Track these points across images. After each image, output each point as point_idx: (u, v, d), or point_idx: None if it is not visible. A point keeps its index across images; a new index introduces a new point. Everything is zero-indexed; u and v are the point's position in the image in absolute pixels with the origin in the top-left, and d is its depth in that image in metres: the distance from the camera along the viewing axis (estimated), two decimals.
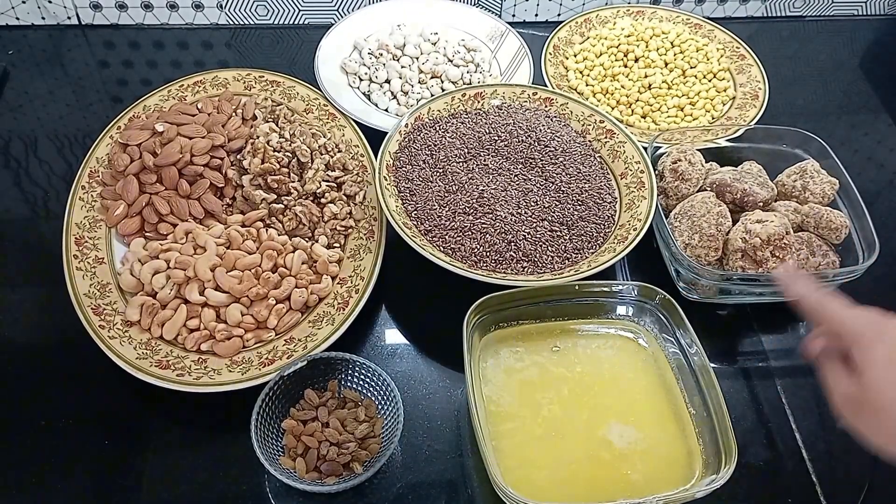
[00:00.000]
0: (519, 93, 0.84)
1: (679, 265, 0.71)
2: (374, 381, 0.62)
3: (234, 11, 1.01)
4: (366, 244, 0.73)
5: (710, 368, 0.61)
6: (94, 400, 0.65)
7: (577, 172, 0.77)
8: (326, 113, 0.85)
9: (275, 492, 0.60)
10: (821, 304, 0.49)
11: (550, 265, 0.70)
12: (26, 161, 0.84)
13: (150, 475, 0.61)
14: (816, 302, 0.49)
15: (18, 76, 0.93)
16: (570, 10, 1.05)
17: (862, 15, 1.13)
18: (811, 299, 0.50)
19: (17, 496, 0.59)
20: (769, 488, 0.63)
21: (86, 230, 0.72)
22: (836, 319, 0.48)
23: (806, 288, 0.51)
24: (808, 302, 0.50)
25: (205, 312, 0.66)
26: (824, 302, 0.49)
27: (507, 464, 0.58)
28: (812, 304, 0.50)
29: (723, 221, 0.71)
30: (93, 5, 0.98)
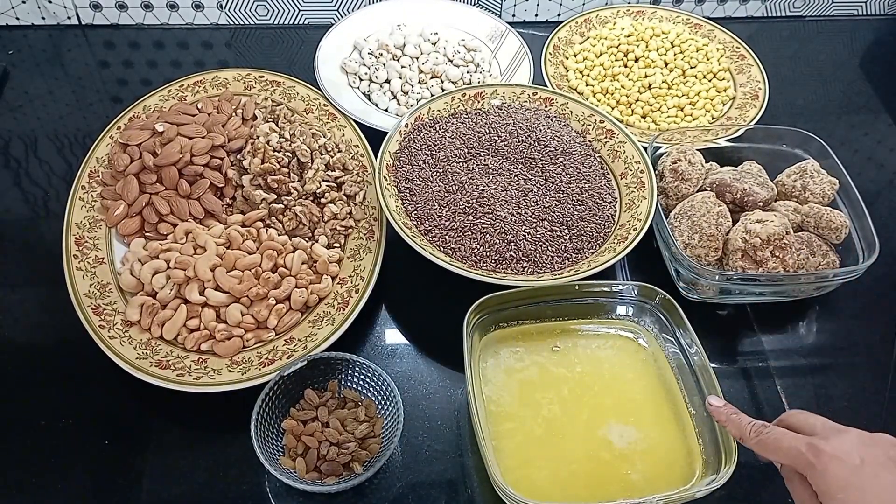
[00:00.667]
0: (519, 93, 0.84)
1: (679, 265, 0.71)
2: (374, 381, 0.62)
3: (234, 11, 1.01)
4: (366, 244, 0.73)
5: (710, 368, 0.61)
6: (94, 400, 0.65)
7: (577, 172, 0.77)
8: (326, 113, 0.85)
9: (275, 492, 0.60)
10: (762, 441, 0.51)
11: (550, 265, 0.70)
12: (26, 161, 0.84)
13: (150, 475, 0.61)
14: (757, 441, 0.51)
15: (18, 76, 0.93)
16: (570, 10, 1.05)
17: (862, 15, 1.13)
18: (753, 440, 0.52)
19: (17, 496, 0.59)
20: (769, 488, 0.63)
21: (86, 230, 0.72)
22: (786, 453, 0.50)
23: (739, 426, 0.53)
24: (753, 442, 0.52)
25: (205, 312, 0.66)
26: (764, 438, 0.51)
27: (507, 464, 0.58)
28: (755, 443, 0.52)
29: (723, 221, 0.71)
30: (93, 5, 0.98)
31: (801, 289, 0.72)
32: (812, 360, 0.72)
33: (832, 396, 0.69)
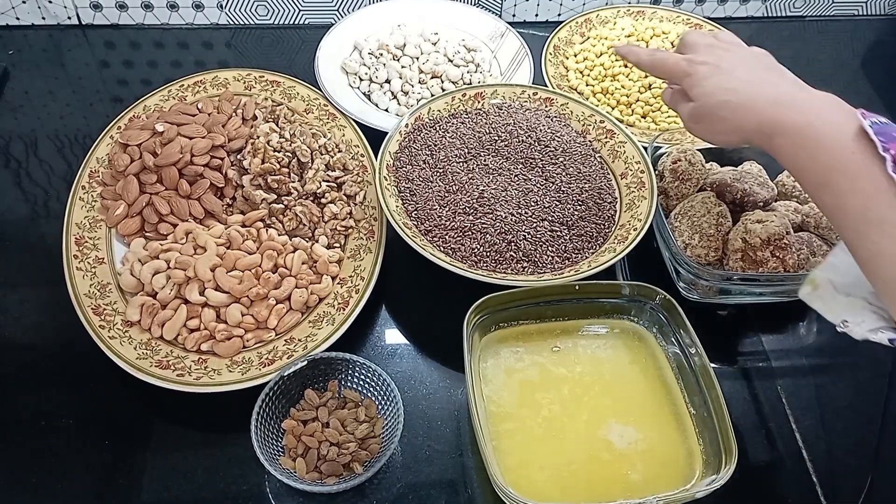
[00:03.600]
0: (519, 93, 0.84)
1: (679, 265, 0.71)
2: (374, 381, 0.62)
3: (234, 11, 1.01)
4: (366, 244, 0.73)
5: (710, 368, 0.61)
6: (94, 400, 0.65)
7: (577, 172, 0.77)
8: (326, 113, 0.85)
9: (275, 492, 0.60)
10: (653, 60, 0.66)
11: (550, 265, 0.70)
12: (26, 161, 0.84)
13: (150, 475, 0.61)
14: (650, 61, 0.66)
15: (18, 76, 0.94)
16: (571, 10, 1.05)
17: (862, 15, 1.13)
18: (646, 60, 0.66)
19: (17, 496, 0.59)
20: (769, 488, 0.63)
21: (86, 230, 0.72)
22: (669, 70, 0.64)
23: (637, 54, 0.67)
24: (645, 62, 0.66)
25: (205, 312, 0.66)
26: (655, 57, 0.66)
27: (507, 464, 0.58)
28: (649, 64, 0.66)
29: (723, 221, 0.71)
30: (93, 5, 0.98)
31: None
32: (812, 360, 0.72)
33: (832, 396, 0.69)
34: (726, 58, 0.61)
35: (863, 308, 0.51)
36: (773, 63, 0.62)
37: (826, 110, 0.52)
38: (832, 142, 0.49)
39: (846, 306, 0.52)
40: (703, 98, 0.59)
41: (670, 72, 0.64)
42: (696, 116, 0.61)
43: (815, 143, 0.51)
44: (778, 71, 0.61)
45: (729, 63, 0.60)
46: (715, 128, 0.59)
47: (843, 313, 0.52)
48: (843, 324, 0.51)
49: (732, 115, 0.57)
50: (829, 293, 0.54)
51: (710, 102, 0.59)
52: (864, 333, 0.49)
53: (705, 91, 0.59)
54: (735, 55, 0.62)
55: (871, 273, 0.48)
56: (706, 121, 0.60)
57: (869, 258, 0.48)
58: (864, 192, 0.47)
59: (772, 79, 0.58)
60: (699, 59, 0.61)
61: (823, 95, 0.54)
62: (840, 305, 0.52)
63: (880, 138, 0.47)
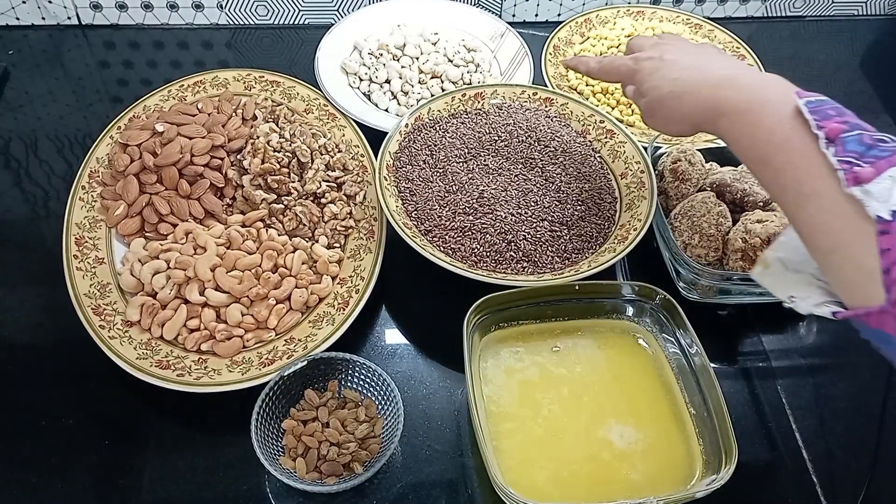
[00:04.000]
0: (519, 93, 0.84)
1: (679, 265, 0.71)
2: (374, 381, 0.62)
3: (234, 11, 1.01)
4: (366, 244, 0.73)
5: (710, 368, 0.61)
6: (94, 400, 0.65)
7: (577, 172, 0.77)
8: (326, 113, 0.85)
9: (275, 492, 0.60)
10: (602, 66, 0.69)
11: (550, 265, 0.70)
12: (26, 161, 0.84)
13: (150, 475, 0.61)
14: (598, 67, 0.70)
15: (18, 76, 0.94)
16: (571, 10, 1.05)
17: (862, 15, 1.13)
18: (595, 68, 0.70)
19: (17, 496, 0.59)
20: (769, 488, 0.63)
21: (86, 230, 0.72)
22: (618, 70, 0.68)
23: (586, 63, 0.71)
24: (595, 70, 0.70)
25: (205, 312, 0.66)
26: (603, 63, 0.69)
27: (507, 464, 0.58)
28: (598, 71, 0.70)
29: (723, 221, 0.71)
30: (93, 5, 0.98)
31: None
32: (812, 360, 0.72)
33: (832, 396, 0.69)
34: (669, 50, 0.63)
35: (809, 284, 0.52)
36: (717, 52, 0.64)
37: (765, 90, 0.53)
38: (770, 120, 0.51)
39: (795, 283, 0.53)
40: (652, 92, 0.62)
41: (620, 73, 0.67)
42: (649, 111, 0.63)
43: (754, 121, 0.52)
44: (722, 57, 0.63)
45: (672, 55, 0.62)
46: (667, 118, 0.61)
47: (791, 289, 0.53)
48: (790, 299, 0.53)
49: (679, 104, 0.59)
50: (779, 271, 0.55)
51: (658, 95, 0.61)
52: (809, 308, 0.51)
53: (652, 85, 0.62)
54: (677, 47, 0.64)
55: (810, 246, 0.49)
56: (658, 113, 0.62)
57: (806, 231, 0.49)
58: (800, 167, 0.48)
59: (714, 64, 0.60)
60: (644, 56, 0.64)
61: (765, 76, 0.56)
62: (789, 282, 0.54)
63: (814, 117, 0.48)
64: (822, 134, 0.47)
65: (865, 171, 0.44)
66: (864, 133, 0.46)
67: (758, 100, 0.53)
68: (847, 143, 0.46)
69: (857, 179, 0.44)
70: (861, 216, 0.44)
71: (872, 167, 0.44)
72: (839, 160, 0.45)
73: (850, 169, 0.45)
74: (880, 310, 0.43)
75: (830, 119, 0.48)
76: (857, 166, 0.44)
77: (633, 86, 0.66)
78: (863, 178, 0.44)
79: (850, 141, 0.46)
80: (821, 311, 0.50)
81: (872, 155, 0.45)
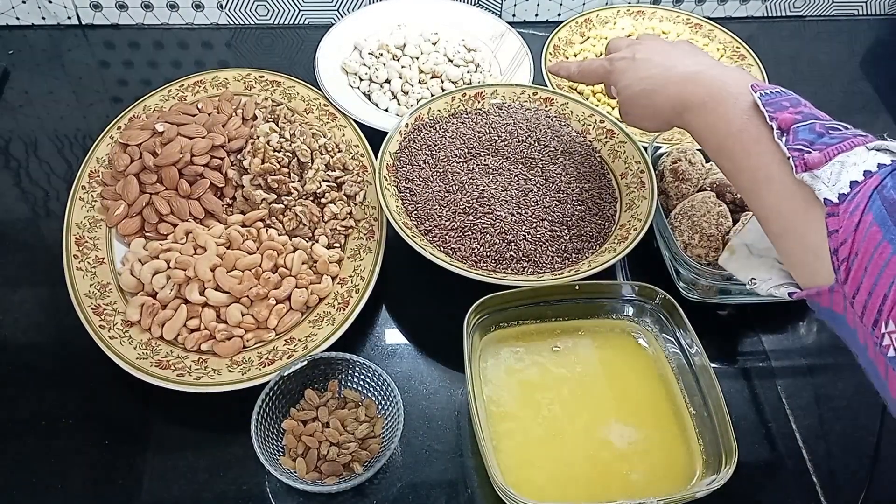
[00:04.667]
0: (519, 93, 0.84)
1: (679, 265, 0.71)
2: (374, 381, 0.62)
3: (234, 11, 1.01)
4: (366, 244, 0.73)
5: (710, 368, 0.61)
6: (94, 400, 0.65)
7: (577, 172, 0.77)
8: (326, 113, 0.85)
9: (275, 492, 0.60)
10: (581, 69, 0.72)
11: (550, 265, 0.70)
12: (26, 161, 0.84)
13: (150, 475, 0.61)
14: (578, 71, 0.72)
15: (18, 76, 0.93)
16: (571, 10, 1.05)
17: (862, 15, 1.13)
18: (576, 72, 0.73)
19: (17, 496, 0.59)
20: (769, 488, 0.63)
21: (86, 230, 0.72)
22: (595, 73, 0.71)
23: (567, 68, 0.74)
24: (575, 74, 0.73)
25: (205, 312, 0.66)
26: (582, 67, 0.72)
27: (507, 464, 0.58)
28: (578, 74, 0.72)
29: (723, 221, 0.71)
30: (93, 5, 0.98)
31: None
32: (812, 360, 0.72)
33: (832, 396, 0.69)
34: (641, 49, 0.65)
35: (771, 267, 0.55)
36: (689, 49, 0.65)
37: (726, 84, 0.56)
38: (729, 112, 0.54)
39: (758, 266, 0.56)
40: (625, 91, 0.65)
41: (597, 75, 0.70)
42: (624, 108, 0.66)
43: (715, 114, 0.55)
44: (691, 54, 0.64)
45: (643, 54, 0.65)
46: (640, 115, 0.65)
47: (753, 272, 0.56)
48: (751, 282, 0.55)
49: (650, 100, 0.62)
50: (744, 256, 0.59)
51: (631, 93, 0.64)
52: (768, 289, 0.53)
53: (625, 84, 0.65)
54: (649, 47, 0.66)
55: (767, 230, 0.52)
56: (632, 111, 0.65)
57: (762, 216, 0.52)
58: (755, 155, 0.51)
59: (684, 60, 0.62)
60: (618, 57, 0.67)
61: (727, 70, 0.59)
62: (752, 266, 0.57)
63: (768, 109, 0.51)
64: (775, 125, 0.50)
65: (814, 157, 0.46)
66: (817, 122, 0.49)
67: (718, 94, 0.56)
68: (799, 132, 0.48)
69: (807, 165, 0.46)
70: (810, 200, 0.46)
71: (822, 153, 0.46)
72: (790, 148, 0.48)
73: (800, 156, 0.47)
74: (830, 289, 0.45)
75: (784, 110, 0.50)
76: (808, 153, 0.47)
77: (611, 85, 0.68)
78: (812, 163, 0.46)
79: (802, 130, 0.48)
80: (779, 292, 0.52)
81: (822, 142, 0.47)
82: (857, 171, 0.45)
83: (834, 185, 0.45)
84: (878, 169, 0.44)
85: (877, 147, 0.46)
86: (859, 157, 0.45)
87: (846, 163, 0.45)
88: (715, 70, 0.59)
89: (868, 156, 0.45)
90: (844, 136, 0.47)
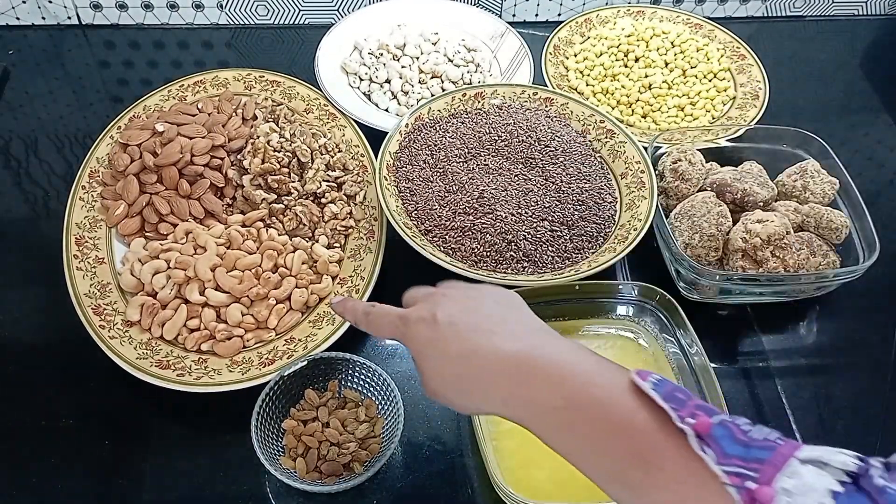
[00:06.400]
0: (519, 93, 0.84)
1: (679, 265, 0.71)
2: (374, 381, 0.62)
3: (234, 11, 1.01)
4: (366, 244, 0.73)
5: (710, 368, 0.61)
6: (94, 400, 0.65)
7: (577, 172, 0.77)
8: (326, 113, 0.85)
9: (275, 492, 0.60)
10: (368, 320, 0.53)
11: (550, 265, 0.70)
12: (26, 161, 0.84)
13: (150, 475, 0.61)
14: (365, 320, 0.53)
15: (18, 76, 0.93)
16: (571, 10, 1.05)
17: (862, 15, 1.13)
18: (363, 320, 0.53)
19: (17, 496, 0.59)
20: None
21: (86, 230, 0.72)
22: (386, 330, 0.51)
23: (353, 311, 0.54)
24: (362, 323, 0.53)
25: (205, 312, 0.66)
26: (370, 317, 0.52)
27: (507, 464, 0.58)
28: (365, 324, 0.53)
29: (723, 221, 0.71)
30: (93, 5, 0.98)
31: (801, 289, 0.72)
32: (812, 360, 0.72)
33: (832, 396, 0.69)
34: (443, 306, 0.48)
35: None
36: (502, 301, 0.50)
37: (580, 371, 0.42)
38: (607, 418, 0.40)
39: None
40: (427, 373, 0.48)
41: (388, 332, 0.51)
42: (429, 391, 0.48)
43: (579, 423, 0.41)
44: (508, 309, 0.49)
45: (445, 314, 0.47)
46: (454, 404, 0.48)
47: None
48: None
49: (464, 392, 0.46)
50: None
51: (434, 379, 0.47)
52: None
53: (428, 365, 0.47)
54: (452, 299, 0.49)
55: None
56: (441, 398, 0.48)
57: None
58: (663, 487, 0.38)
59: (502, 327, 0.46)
60: (414, 316, 0.48)
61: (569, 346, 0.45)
62: None
63: (672, 406, 0.38)
64: (689, 430, 0.37)
65: (763, 490, 0.35)
66: (725, 420, 0.37)
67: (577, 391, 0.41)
68: (721, 442, 0.37)
69: (754, 501, 0.35)
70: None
71: (764, 482, 0.35)
72: (728, 472, 0.36)
73: (742, 487, 0.35)
74: None
75: (684, 406, 0.38)
76: (749, 479, 0.35)
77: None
78: (761, 498, 0.35)
79: (724, 439, 0.37)
80: None
81: (754, 458, 0.36)
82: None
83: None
84: (835, 501, 0.34)
85: (808, 458, 0.36)
86: (802, 480, 0.35)
87: (793, 492, 0.34)
88: (550, 346, 0.44)
89: (811, 476, 0.35)
90: (767, 443, 0.37)
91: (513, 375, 0.44)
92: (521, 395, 0.43)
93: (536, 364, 0.43)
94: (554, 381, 0.42)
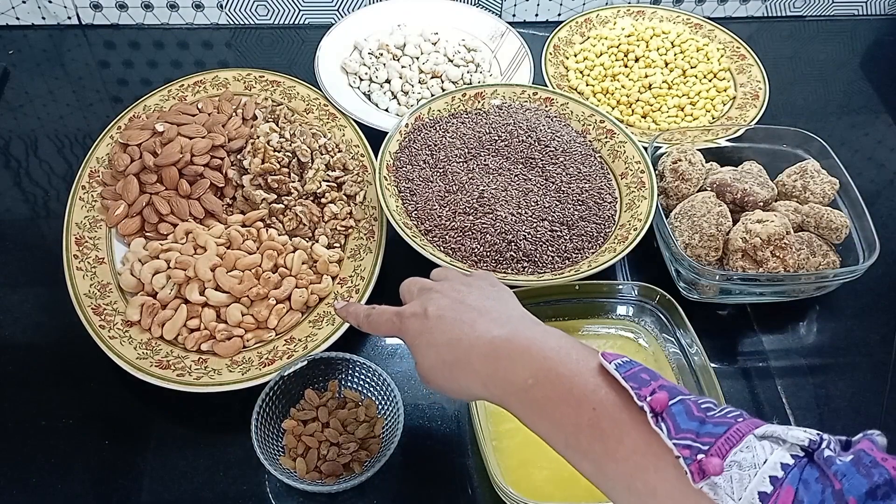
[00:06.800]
0: (519, 93, 0.84)
1: (679, 265, 0.71)
2: (374, 381, 0.62)
3: (234, 11, 1.01)
4: (366, 244, 0.73)
5: (710, 368, 0.61)
6: (94, 400, 0.65)
7: (577, 172, 0.77)
8: (326, 113, 0.85)
9: (275, 492, 0.60)
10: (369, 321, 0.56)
11: (550, 265, 0.70)
12: (26, 161, 0.84)
13: (150, 475, 0.61)
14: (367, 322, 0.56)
15: (18, 76, 0.93)
16: (571, 10, 1.05)
17: (862, 15, 1.13)
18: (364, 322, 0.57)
19: (17, 496, 0.59)
20: None
21: (86, 230, 0.72)
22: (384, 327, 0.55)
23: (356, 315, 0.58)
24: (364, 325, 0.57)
25: (205, 312, 0.66)
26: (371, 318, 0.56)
27: (507, 464, 0.58)
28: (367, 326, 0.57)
29: (723, 221, 0.71)
30: (93, 5, 0.98)
31: (801, 289, 0.72)
32: (812, 360, 0.72)
33: (832, 396, 0.69)
34: (434, 301, 0.52)
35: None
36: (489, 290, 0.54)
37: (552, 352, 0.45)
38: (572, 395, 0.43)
39: None
40: (419, 360, 0.52)
41: (386, 329, 0.55)
42: (422, 377, 0.52)
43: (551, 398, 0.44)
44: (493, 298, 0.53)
45: (435, 307, 0.51)
46: (444, 389, 0.51)
47: None
48: None
49: (452, 375, 0.49)
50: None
51: (425, 366, 0.51)
52: None
53: (420, 354, 0.51)
54: (443, 292, 0.53)
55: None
56: (433, 381, 0.51)
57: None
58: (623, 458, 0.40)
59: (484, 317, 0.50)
60: (408, 312, 0.53)
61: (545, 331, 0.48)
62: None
63: (632, 385, 0.40)
64: (646, 407, 0.39)
65: (714, 462, 0.36)
66: (686, 398, 0.40)
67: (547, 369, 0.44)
68: (677, 417, 0.39)
69: (705, 472, 0.36)
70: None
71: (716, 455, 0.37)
72: (678, 445, 0.37)
73: (693, 459, 0.37)
74: None
75: (646, 385, 0.40)
76: (701, 454, 0.37)
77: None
78: (711, 469, 0.36)
79: (680, 415, 0.39)
80: None
81: (707, 433, 0.38)
82: (761, 477, 0.36)
83: (739, 498, 0.36)
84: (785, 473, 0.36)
85: (764, 435, 0.37)
86: (754, 453, 0.36)
87: (743, 464, 0.36)
88: (528, 331, 0.47)
89: (763, 451, 0.37)
90: (725, 420, 0.38)
91: (491, 358, 0.47)
92: (499, 377, 0.46)
93: (513, 347, 0.46)
94: (526, 361, 0.45)
